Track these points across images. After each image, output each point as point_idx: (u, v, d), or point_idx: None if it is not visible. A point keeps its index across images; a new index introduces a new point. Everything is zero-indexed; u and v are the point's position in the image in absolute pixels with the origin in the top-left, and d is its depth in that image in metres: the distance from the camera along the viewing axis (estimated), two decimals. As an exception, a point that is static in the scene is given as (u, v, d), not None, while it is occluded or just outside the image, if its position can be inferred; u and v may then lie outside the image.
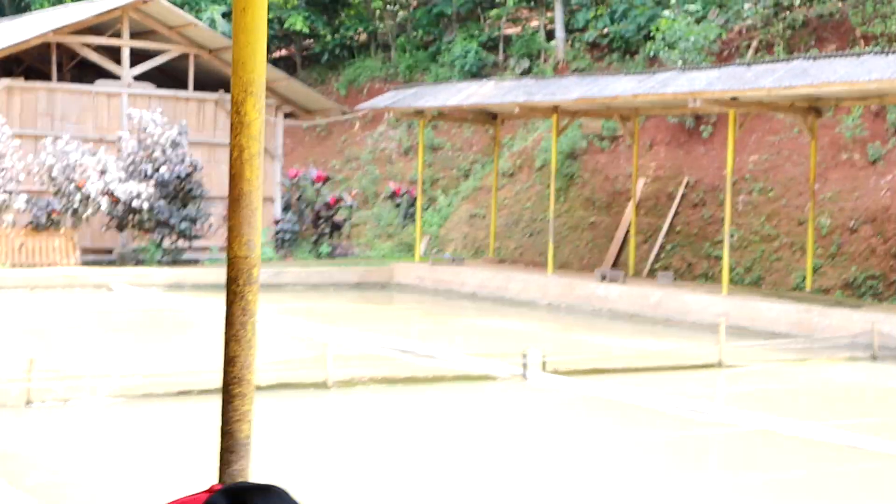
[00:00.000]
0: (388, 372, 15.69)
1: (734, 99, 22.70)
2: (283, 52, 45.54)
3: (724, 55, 31.32)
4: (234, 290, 3.37)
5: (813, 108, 24.16)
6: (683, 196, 29.03)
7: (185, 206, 27.78)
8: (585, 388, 14.94)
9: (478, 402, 14.60)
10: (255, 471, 3.23)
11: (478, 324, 22.72)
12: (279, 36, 43.18)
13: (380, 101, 30.55)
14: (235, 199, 3.38)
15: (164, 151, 27.93)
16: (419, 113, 29.32)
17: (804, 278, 24.59)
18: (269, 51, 38.89)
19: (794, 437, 12.32)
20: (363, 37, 43.97)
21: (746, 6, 33.04)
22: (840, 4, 31.54)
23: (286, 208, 32.13)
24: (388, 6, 42.22)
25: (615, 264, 28.03)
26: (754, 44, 31.21)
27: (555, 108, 26.29)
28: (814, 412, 14.13)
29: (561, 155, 30.65)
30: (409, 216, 33.08)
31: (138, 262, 27.76)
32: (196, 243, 28.83)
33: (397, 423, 13.22)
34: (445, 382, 15.35)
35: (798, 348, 18.90)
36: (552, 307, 24.59)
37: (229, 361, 3.39)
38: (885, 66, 20.57)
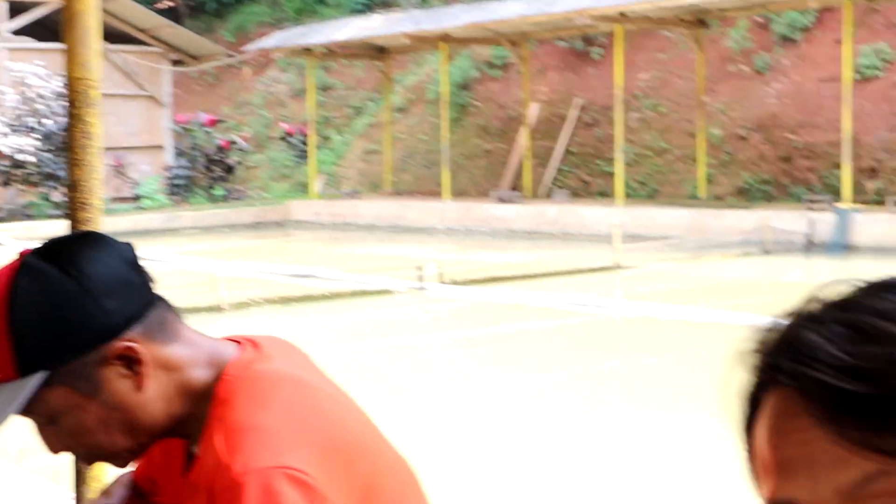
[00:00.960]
0: (285, 293, 15.54)
1: (622, 14, 22.80)
2: (170, 2, 44.68)
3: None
4: (73, 114, 3.28)
5: (699, 20, 24.36)
6: (577, 118, 29.16)
7: (73, 157, 27.21)
8: (482, 295, 14.95)
9: (375, 315, 14.54)
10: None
11: (376, 251, 22.62)
12: (163, -14, 42.38)
13: (267, 42, 30.16)
14: (68, 20, 3.24)
15: (48, 104, 27.37)
16: (307, 51, 29.00)
17: (697, 187, 24.88)
18: (153, 0, 38.25)
19: (676, 322, 12.53)
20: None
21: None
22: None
23: (179, 155, 31.68)
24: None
25: (512, 188, 28.11)
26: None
27: (444, 37, 26.16)
28: (704, 302, 14.31)
29: (453, 85, 30.56)
30: (304, 156, 32.81)
31: (27, 217, 27.20)
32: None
33: (292, 336, 13.08)
34: (343, 299, 15.25)
35: (692, 248, 19.15)
36: (451, 231, 24.60)
37: (73, 186, 3.29)
38: (766, -30, 20.82)
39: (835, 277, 0.98)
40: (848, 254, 18.70)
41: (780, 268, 17.86)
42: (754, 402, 1.05)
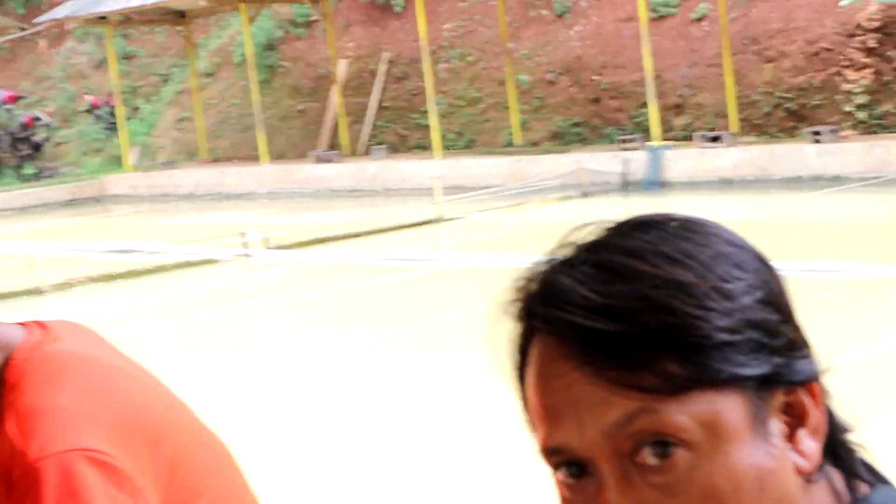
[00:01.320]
0: (107, 271, 15.15)
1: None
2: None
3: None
4: None
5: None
6: (386, 72, 29.13)
7: None
8: (309, 258, 14.88)
9: (201, 285, 14.33)
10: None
11: (197, 220, 22.26)
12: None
13: (59, 12, 29.06)
14: None
15: None
16: (103, 20, 28.10)
17: (512, 135, 25.18)
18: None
19: (503, 270, 12.72)
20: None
21: None
22: None
23: (-20, 136, 30.52)
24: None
25: (330, 147, 27.97)
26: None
27: (242, -4, 25.73)
28: (529, 248, 14.54)
29: (258, 47, 30.14)
30: (113, 128, 31.96)
31: None
32: None
33: (117, 316, 12.80)
34: (167, 272, 14.97)
35: (512, 195, 19.40)
36: (271, 195, 24.38)
37: None
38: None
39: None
40: (662, 190, 19.24)
41: (599, 208, 18.26)
42: (523, 352, 1.04)
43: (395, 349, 9.95)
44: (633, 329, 0.96)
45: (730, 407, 0.98)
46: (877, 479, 1.09)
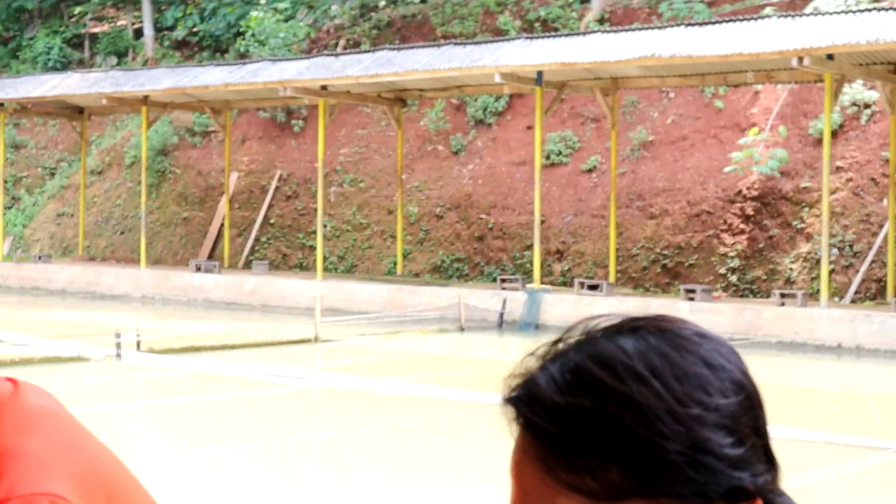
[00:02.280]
0: (-31, 359, 14.75)
1: (324, 88, 23.11)
2: None
3: (313, 53, 31.82)
4: None
5: (399, 98, 24.99)
6: (277, 189, 29.25)
7: None
8: (181, 365, 14.70)
9: (68, 383, 14.02)
10: None
11: (68, 317, 21.84)
12: None
13: (-47, 94, 28.67)
14: None
15: None
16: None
17: (395, 264, 25.35)
18: None
19: (375, 394, 12.72)
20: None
21: (334, 7, 33.81)
22: (422, 7, 32.87)
23: None
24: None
25: (210, 257, 27.81)
26: (342, 42, 31.92)
27: (144, 100, 25.74)
28: (404, 375, 14.58)
29: (152, 151, 30.04)
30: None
31: None
32: None
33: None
34: (33, 365, 14.62)
35: (391, 322, 19.46)
36: (146, 299, 24.07)
37: None
38: (463, 56, 21.66)
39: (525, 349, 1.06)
40: (538, 332, 19.47)
41: (475, 343, 18.42)
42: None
43: (249, 466, 9.81)
44: (585, 438, 1.04)
45: None
46: None
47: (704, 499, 1.07)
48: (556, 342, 1.12)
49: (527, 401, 1.07)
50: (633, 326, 1.11)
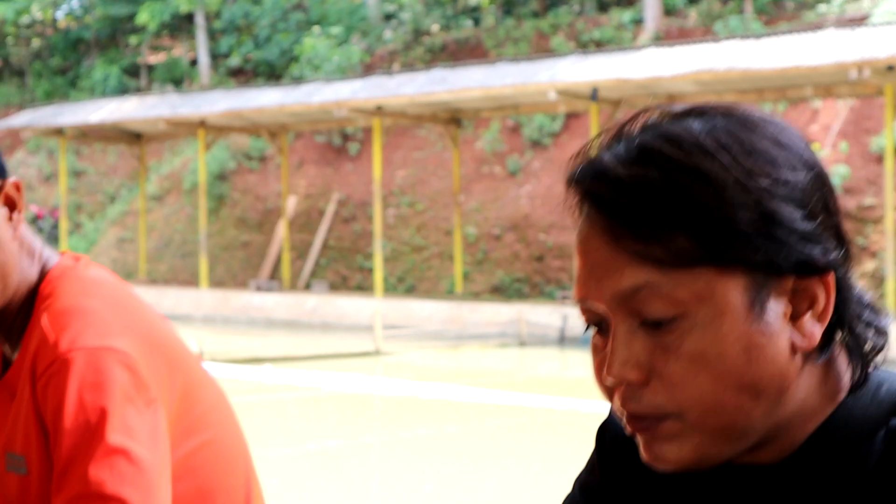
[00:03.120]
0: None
1: (379, 108, 23.35)
2: None
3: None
4: None
5: (454, 119, 25.17)
6: (335, 212, 29.52)
7: None
8: (245, 374, 14.91)
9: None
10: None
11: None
12: None
13: (15, 120, 29.17)
14: None
15: None
16: (59, 132, 28.33)
17: (454, 284, 25.47)
18: None
19: (439, 401, 12.85)
20: (-6, 64, 42.26)
21: (387, 32, 34.15)
22: (475, 30, 33.14)
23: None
24: (21, 32, 40.78)
25: (271, 279, 28.10)
26: (396, 66, 32.21)
27: (201, 123, 26.11)
28: (460, 383, 14.70)
29: (210, 175, 30.47)
30: (53, 241, 31.86)
31: None
32: None
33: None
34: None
35: (451, 338, 19.59)
36: (208, 319, 24.35)
37: None
38: (517, 73, 21.80)
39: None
40: (597, 346, 19.47)
41: (535, 358, 18.47)
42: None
43: (306, 464, 9.94)
44: (652, 207, 1.07)
45: (730, 286, 1.09)
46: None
47: (774, 270, 1.10)
48: (619, 127, 1.16)
49: (591, 175, 1.10)
50: (700, 111, 1.14)
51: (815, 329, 1.12)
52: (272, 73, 35.39)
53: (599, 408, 11.59)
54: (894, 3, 25.31)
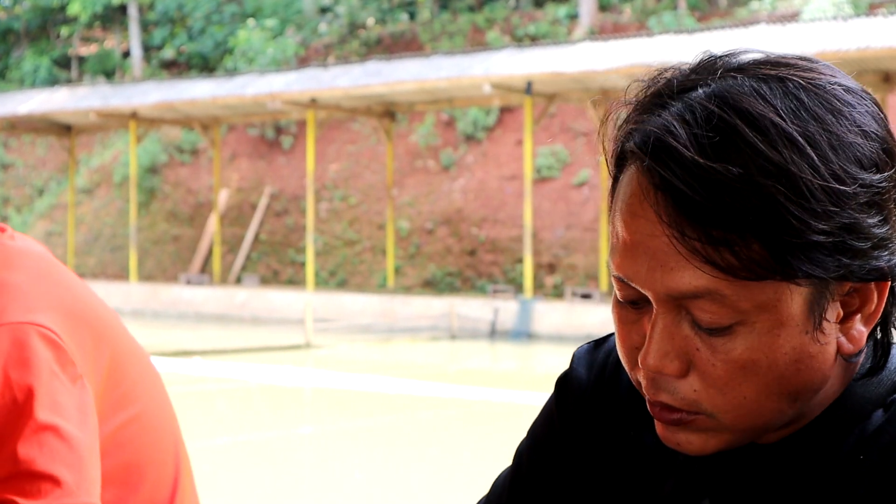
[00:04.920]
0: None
1: (313, 100, 23.23)
2: None
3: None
4: None
5: (388, 112, 25.10)
6: (267, 206, 29.36)
7: None
8: (174, 367, 14.76)
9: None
10: None
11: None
12: None
13: (-59, 112, 28.72)
14: None
15: None
16: (-14, 124, 27.91)
17: (386, 278, 25.43)
18: None
19: (370, 393, 12.79)
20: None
21: (322, 25, 34.01)
22: (411, 24, 33.11)
23: None
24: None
25: (201, 273, 27.89)
26: (331, 59, 32.09)
27: (133, 115, 25.83)
28: (390, 376, 14.66)
29: (141, 169, 30.16)
30: (-21, 234, 31.38)
31: None
32: None
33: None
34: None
35: (383, 331, 19.56)
36: (136, 313, 24.12)
37: None
38: (452, 66, 21.79)
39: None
40: (529, 341, 19.55)
41: (466, 352, 18.49)
42: (618, 166, 1.05)
43: (240, 455, 9.86)
44: (729, 207, 0.96)
45: (794, 297, 1.01)
46: None
47: (841, 279, 1.02)
48: (672, 86, 1.03)
49: (661, 154, 0.98)
50: (774, 74, 1.01)
51: (863, 333, 1.07)
52: (206, 66, 35.13)
53: (529, 399, 11.62)
54: (824, 0, 25.64)
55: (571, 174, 25.75)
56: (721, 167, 0.95)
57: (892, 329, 1.10)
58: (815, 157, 0.97)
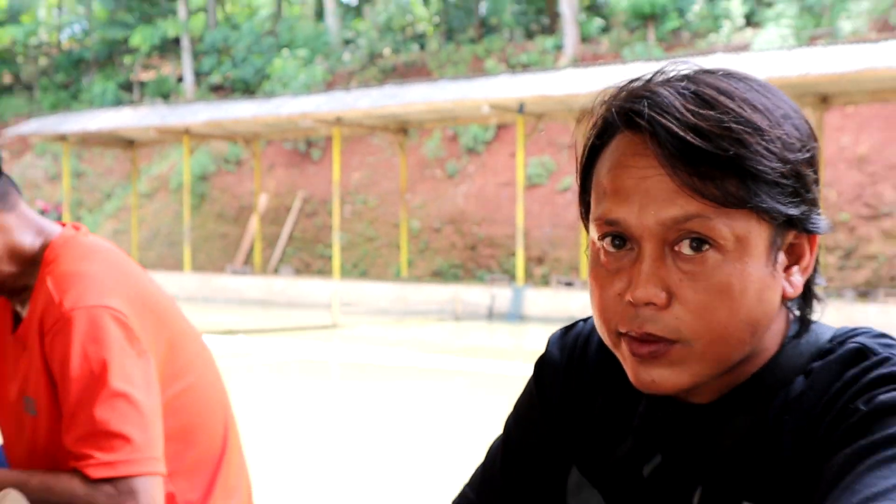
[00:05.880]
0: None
1: (338, 119, 23.28)
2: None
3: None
4: None
5: (402, 129, 25.12)
6: (299, 208, 29.42)
7: None
8: (219, 344, 14.85)
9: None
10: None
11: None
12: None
13: (24, 128, 28.74)
14: None
15: None
16: (62, 138, 27.96)
17: (400, 269, 25.48)
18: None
19: (387, 365, 12.83)
20: (7, 78, 41.62)
21: (346, 55, 34.04)
22: (421, 54, 33.12)
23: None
24: (30, 51, 40.24)
25: (244, 265, 27.97)
26: (353, 84, 32.14)
27: (186, 131, 25.88)
28: (405, 349, 14.69)
29: (193, 177, 30.24)
30: (57, 232, 31.43)
31: None
32: None
33: None
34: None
35: (397, 314, 19.59)
36: (190, 299, 24.14)
37: None
38: (456, 90, 21.82)
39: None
40: (521, 321, 19.58)
41: (468, 330, 18.53)
42: (600, 139, 1.10)
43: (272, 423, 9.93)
44: (713, 149, 1.00)
45: (759, 232, 1.04)
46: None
47: (790, 225, 1.06)
48: (654, 77, 1.08)
49: (657, 109, 1.02)
50: (729, 72, 1.07)
51: (800, 281, 1.10)
52: (247, 89, 35.17)
53: (521, 370, 11.71)
54: (771, 33, 25.67)
55: (557, 181, 25.76)
56: (704, 119, 1.01)
57: (814, 296, 1.14)
58: (771, 118, 1.03)
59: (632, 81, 1.09)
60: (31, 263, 1.93)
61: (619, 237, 1.06)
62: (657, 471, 1.15)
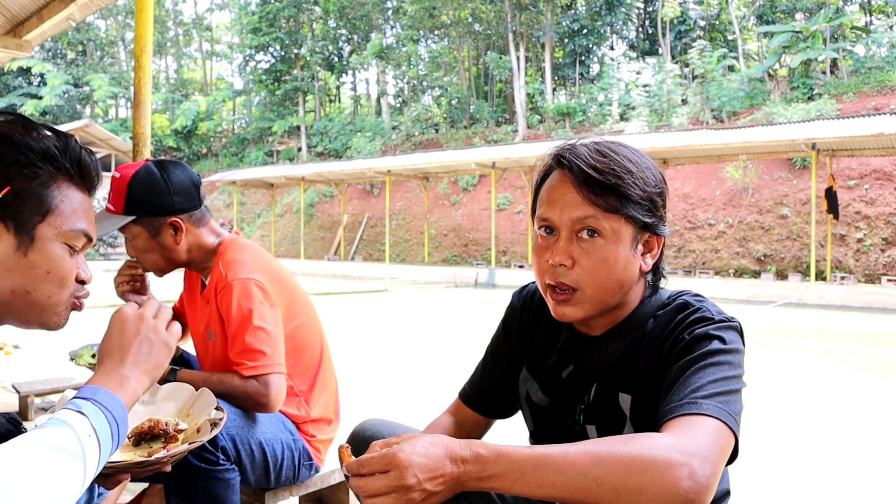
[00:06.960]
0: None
1: (389, 171, 22.79)
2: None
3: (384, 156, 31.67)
4: None
5: (425, 177, 24.59)
6: (365, 223, 29.02)
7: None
8: (319, 301, 14.49)
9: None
10: None
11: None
12: None
13: (212, 177, 28.26)
14: None
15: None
16: (233, 183, 27.48)
17: (424, 258, 25.07)
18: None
19: (419, 313, 12.44)
20: (203, 150, 41.27)
21: (393, 135, 33.54)
22: (436, 134, 32.58)
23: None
24: (217, 134, 39.75)
25: (335, 254, 27.63)
26: (398, 151, 31.73)
27: (302, 178, 25.39)
28: (428, 301, 14.27)
29: (306, 204, 29.83)
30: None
31: None
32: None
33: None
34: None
35: (423, 283, 19.19)
36: (304, 274, 23.43)
37: None
38: (457, 155, 21.35)
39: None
40: (494, 289, 19.25)
41: (463, 294, 18.20)
42: (544, 176, 1.11)
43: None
44: (603, 179, 1.04)
45: (627, 230, 1.06)
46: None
47: (647, 229, 1.06)
48: (577, 141, 1.09)
49: (575, 157, 1.06)
50: (609, 141, 1.09)
51: (650, 263, 1.11)
52: (337, 155, 34.83)
53: (494, 317, 11.32)
54: (634, 124, 25.19)
55: (514, 207, 25.38)
56: (600, 163, 1.03)
57: (662, 273, 1.13)
58: (640, 164, 1.05)
59: (565, 143, 1.11)
60: (212, 253, 1.91)
61: (549, 228, 1.08)
62: (570, 374, 1.15)
